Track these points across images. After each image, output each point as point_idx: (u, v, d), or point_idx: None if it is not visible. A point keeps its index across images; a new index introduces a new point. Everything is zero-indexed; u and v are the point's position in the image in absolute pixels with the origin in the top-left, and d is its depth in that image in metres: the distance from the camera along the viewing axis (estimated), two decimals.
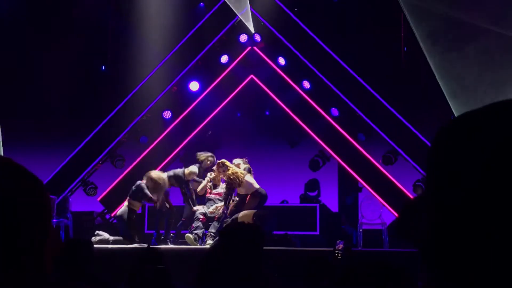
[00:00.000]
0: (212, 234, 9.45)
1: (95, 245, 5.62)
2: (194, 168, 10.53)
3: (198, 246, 9.46)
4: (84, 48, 13.56)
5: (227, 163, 9.98)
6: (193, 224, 9.82)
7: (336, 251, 5.73)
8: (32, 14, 13.72)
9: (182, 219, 10.31)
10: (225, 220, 9.65)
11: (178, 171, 10.57)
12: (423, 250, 0.69)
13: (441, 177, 0.69)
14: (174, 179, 10.36)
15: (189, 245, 9.56)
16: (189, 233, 9.71)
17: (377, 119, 11.92)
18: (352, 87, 12.13)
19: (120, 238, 9.79)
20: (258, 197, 9.63)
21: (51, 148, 13.36)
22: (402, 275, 1.67)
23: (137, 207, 10.31)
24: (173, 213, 10.32)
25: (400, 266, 1.69)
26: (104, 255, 7.55)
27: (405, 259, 7.19)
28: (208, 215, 9.94)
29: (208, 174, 10.28)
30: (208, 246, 9.14)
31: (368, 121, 11.98)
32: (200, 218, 9.80)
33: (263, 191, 9.84)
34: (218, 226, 9.66)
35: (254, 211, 9.43)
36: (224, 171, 9.89)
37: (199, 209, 10.07)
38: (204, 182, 10.21)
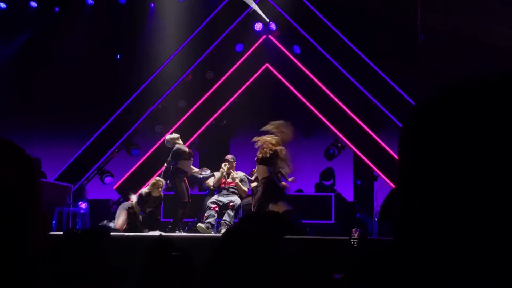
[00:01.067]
0: (227, 222, 9.44)
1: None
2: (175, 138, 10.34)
3: (213, 234, 9.47)
4: (99, 37, 13.59)
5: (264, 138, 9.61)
6: (204, 214, 9.80)
7: (352, 240, 5.72)
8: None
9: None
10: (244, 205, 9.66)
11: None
12: (393, 231, 0.70)
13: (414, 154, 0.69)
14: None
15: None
16: (201, 222, 9.69)
17: (393, 107, 11.86)
18: (367, 75, 12.07)
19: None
20: (272, 183, 9.49)
21: (67, 137, 13.44)
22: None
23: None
24: (184, 203, 10.25)
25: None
26: (119, 243, 7.59)
27: None
28: (211, 185, 9.97)
29: (222, 165, 10.25)
30: None
31: (384, 109, 11.92)
32: (211, 207, 9.78)
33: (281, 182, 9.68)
34: (232, 214, 9.65)
35: (284, 208, 9.25)
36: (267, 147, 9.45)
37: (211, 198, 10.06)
38: (218, 175, 10.19)
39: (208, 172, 10.43)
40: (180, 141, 10.25)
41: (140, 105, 12.85)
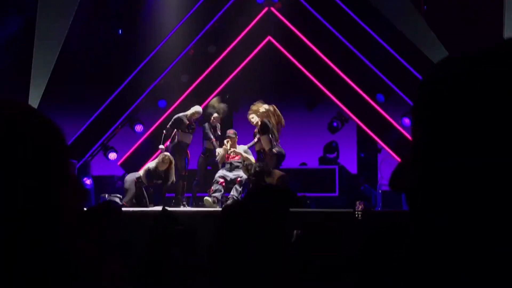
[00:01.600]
0: (234, 197, 9.45)
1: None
2: (197, 108, 10.50)
3: (218, 209, 9.49)
4: (100, 12, 13.50)
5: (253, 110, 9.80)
6: (212, 187, 9.83)
7: (356, 212, 5.74)
8: None
9: (196, 178, 10.31)
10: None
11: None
12: (409, 200, 0.69)
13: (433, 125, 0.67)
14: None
15: (208, 208, 9.59)
16: (207, 196, 9.73)
17: (397, 79, 11.80)
18: (371, 47, 11.99)
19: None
20: (275, 155, 9.51)
21: (70, 113, 13.43)
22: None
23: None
24: (184, 177, 10.30)
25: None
26: (126, 218, 7.62)
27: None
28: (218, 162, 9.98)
29: (225, 142, 10.25)
30: None
31: (388, 81, 11.87)
32: (219, 182, 9.80)
33: (281, 150, 9.68)
34: (240, 189, 9.65)
35: (278, 173, 9.31)
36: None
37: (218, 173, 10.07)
38: (222, 152, 10.18)
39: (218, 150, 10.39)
40: (197, 115, 10.31)
41: (142, 81, 12.81)
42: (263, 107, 9.63)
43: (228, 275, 1.84)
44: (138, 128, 13.00)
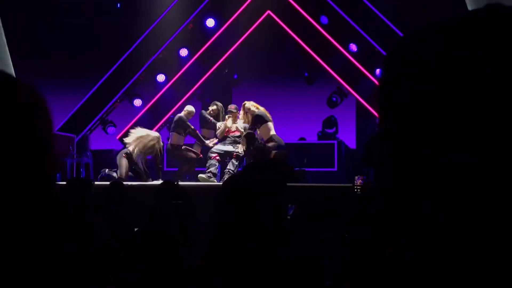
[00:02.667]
0: (230, 171, 9.45)
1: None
2: (189, 108, 10.51)
3: (216, 183, 9.50)
4: None
5: (247, 105, 9.94)
6: (206, 164, 9.83)
7: (356, 187, 5.75)
8: None
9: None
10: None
11: (178, 116, 10.50)
12: (376, 175, 0.69)
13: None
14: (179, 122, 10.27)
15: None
16: (202, 173, 9.71)
17: None
18: (370, 21, 11.91)
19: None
20: (275, 144, 9.51)
21: (69, 87, 13.38)
22: None
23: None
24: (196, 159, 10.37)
25: None
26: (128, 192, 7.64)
27: None
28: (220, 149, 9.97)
29: (226, 117, 10.24)
30: None
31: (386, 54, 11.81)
32: (212, 157, 9.79)
33: (281, 140, 9.67)
34: (237, 164, 9.65)
35: (275, 151, 9.32)
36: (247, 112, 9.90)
37: (210, 146, 10.06)
38: (222, 127, 10.16)
39: (215, 140, 10.34)
40: (193, 114, 10.36)
41: (141, 55, 12.75)
42: (244, 109, 9.82)
43: (228, 251, 1.84)
44: (137, 102, 12.98)
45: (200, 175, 9.63)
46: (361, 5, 11.93)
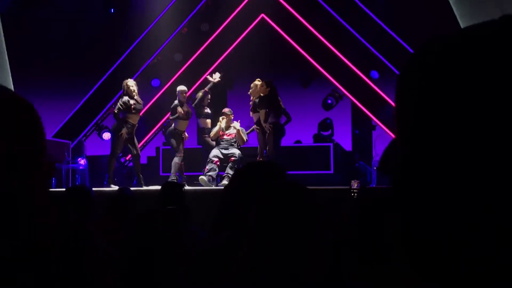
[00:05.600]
0: (229, 175, 9.45)
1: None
2: (181, 87, 10.29)
3: (214, 187, 9.51)
4: None
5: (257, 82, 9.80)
6: (206, 167, 9.84)
7: (352, 190, 5.75)
8: None
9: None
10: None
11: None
12: (395, 182, 0.68)
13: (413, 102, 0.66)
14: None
15: (203, 186, 9.61)
16: (203, 175, 9.73)
17: (391, 55, 11.77)
18: (365, 23, 11.93)
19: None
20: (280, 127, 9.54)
21: (64, 93, 13.36)
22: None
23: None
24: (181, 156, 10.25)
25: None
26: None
27: None
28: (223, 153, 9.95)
29: (220, 119, 10.23)
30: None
31: (382, 58, 11.83)
32: (214, 161, 9.81)
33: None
34: (235, 167, 9.66)
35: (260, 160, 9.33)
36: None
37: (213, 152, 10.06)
38: (216, 128, 10.16)
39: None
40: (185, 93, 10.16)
41: (135, 59, 12.74)
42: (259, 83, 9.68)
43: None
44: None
45: (201, 177, 9.65)
46: (356, 7, 11.96)
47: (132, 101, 9.43)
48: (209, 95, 10.36)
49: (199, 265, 2.09)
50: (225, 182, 9.43)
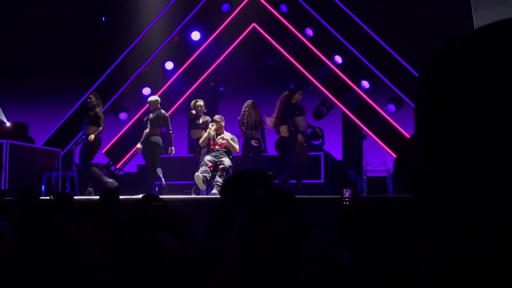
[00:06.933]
0: (218, 184, 9.46)
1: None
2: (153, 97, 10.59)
3: (205, 196, 9.52)
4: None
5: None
6: (200, 168, 9.89)
7: (344, 199, 5.75)
8: None
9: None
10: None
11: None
12: (413, 182, 0.67)
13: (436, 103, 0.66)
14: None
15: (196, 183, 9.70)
16: (199, 173, 9.77)
17: (381, 65, 11.81)
18: (355, 33, 11.98)
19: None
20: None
21: (54, 101, 13.31)
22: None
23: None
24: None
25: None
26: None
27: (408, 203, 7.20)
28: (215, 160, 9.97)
29: (210, 125, 10.23)
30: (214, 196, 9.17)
31: (372, 68, 11.88)
32: (208, 165, 9.87)
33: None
34: (224, 175, 9.69)
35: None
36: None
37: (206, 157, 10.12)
38: (205, 135, 10.18)
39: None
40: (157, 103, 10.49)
41: (127, 68, 12.71)
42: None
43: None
44: (123, 116, 12.92)
45: (197, 173, 9.70)
46: (346, 17, 12.00)
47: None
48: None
49: (190, 269, 2.07)
50: (215, 191, 9.44)
